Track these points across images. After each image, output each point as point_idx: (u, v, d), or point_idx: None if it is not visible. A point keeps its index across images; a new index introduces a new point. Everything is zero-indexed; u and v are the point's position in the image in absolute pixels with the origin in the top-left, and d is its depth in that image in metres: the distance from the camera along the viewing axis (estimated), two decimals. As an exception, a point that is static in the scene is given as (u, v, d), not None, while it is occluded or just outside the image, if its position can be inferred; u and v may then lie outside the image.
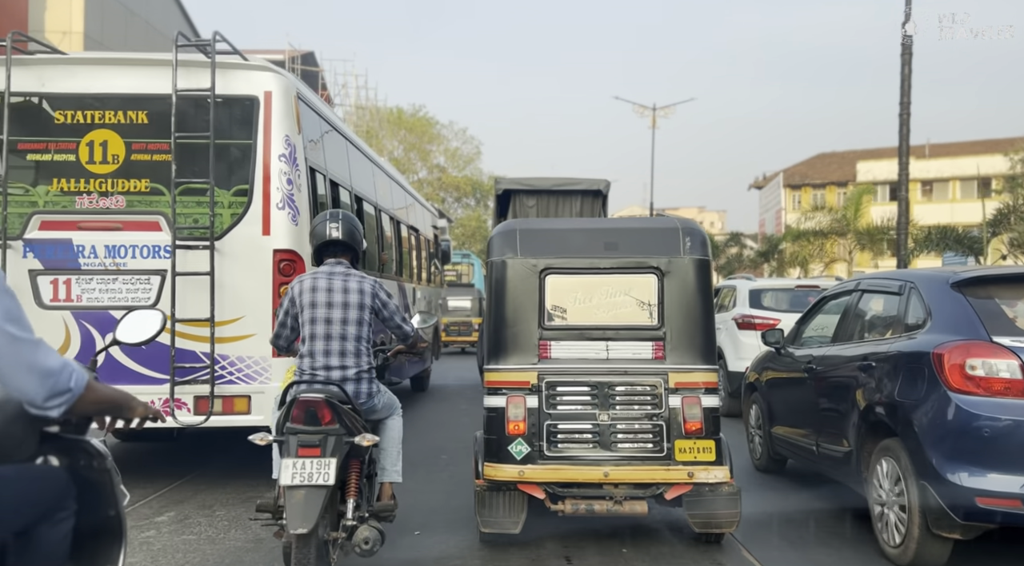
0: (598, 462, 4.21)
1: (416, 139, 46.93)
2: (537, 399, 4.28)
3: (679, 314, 4.37)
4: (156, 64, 5.66)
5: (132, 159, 5.54)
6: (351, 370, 3.78)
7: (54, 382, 1.81)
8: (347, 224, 3.96)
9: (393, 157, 43.76)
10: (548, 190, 11.15)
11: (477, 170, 49.55)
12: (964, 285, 4.32)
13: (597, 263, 4.44)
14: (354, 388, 3.76)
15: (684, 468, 4.21)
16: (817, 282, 11.32)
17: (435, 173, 48.10)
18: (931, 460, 3.93)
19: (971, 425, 3.86)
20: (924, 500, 3.97)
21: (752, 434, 6.83)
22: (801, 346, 6.11)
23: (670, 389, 4.28)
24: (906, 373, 4.28)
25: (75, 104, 5.55)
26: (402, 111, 46.60)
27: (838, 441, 4.95)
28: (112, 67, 5.78)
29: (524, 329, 4.38)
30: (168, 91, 5.40)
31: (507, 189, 11.35)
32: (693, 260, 4.42)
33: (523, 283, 4.41)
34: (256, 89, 5.58)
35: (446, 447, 7.37)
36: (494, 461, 4.26)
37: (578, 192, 11.06)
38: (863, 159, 44.90)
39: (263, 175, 5.52)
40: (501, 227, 4.79)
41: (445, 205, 46.04)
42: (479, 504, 4.31)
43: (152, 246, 5.46)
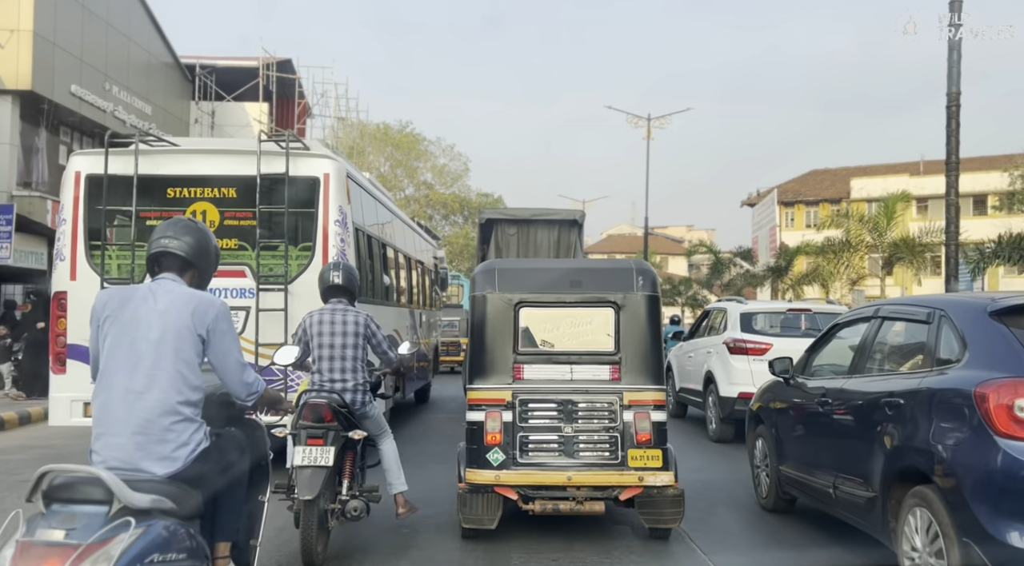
0: (563, 468, 5.12)
1: (403, 156, 47.74)
2: (512, 414, 5.19)
3: (632, 342, 5.31)
4: (243, 153, 7.60)
5: (225, 223, 7.44)
6: (349, 383, 5.16)
7: (250, 388, 3.27)
8: (345, 273, 5.38)
9: (379, 174, 44.58)
10: (527, 220, 11.93)
11: (465, 187, 50.28)
12: (1005, 314, 3.98)
13: (564, 298, 5.38)
14: (351, 397, 5.13)
15: (636, 473, 5.11)
16: (808, 305, 11.33)
17: (422, 190, 48.92)
18: (976, 515, 3.57)
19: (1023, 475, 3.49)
20: (967, 560, 3.60)
21: (758, 470, 6.50)
22: (812, 376, 5.78)
23: (624, 406, 5.20)
24: (941, 413, 3.97)
25: (182, 182, 7.45)
26: (388, 127, 47.39)
27: (860, 485, 4.61)
28: (210, 155, 7.85)
29: (501, 354, 5.30)
30: (253, 173, 7.35)
31: (490, 218, 12.16)
32: (645, 296, 5.36)
33: (501, 315, 5.34)
34: (318, 171, 7.51)
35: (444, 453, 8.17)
36: (474, 467, 5.16)
37: (556, 221, 11.87)
38: (856, 176, 45.68)
39: (323, 235, 7.42)
40: (482, 266, 5.73)
41: (433, 223, 46.78)
42: (461, 504, 5.21)
43: (240, 289, 7.32)
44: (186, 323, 3.04)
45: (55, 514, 2.52)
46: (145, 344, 2.98)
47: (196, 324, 3.05)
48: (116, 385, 2.96)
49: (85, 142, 21.03)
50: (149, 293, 3.10)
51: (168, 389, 2.96)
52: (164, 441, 2.92)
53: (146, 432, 2.91)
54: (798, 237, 39.95)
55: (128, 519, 2.49)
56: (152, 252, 3.22)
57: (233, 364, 3.19)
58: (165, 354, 2.99)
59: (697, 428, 11.39)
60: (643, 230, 34.10)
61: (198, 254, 3.24)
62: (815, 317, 10.45)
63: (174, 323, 3.03)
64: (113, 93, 20.71)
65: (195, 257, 3.23)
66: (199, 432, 3.05)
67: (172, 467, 2.92)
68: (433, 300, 14.92)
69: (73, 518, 2.50)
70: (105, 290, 3.45)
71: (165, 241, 3.20)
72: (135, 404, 2.93)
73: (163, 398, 2.95)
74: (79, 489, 2.57)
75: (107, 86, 20.45)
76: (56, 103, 18.29)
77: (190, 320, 3.04)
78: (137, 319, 3.02)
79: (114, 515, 2.52)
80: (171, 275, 3.19)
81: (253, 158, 7.37)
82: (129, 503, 2.56)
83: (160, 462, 2.91)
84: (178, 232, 3.23)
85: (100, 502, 2.54)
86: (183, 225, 3.27)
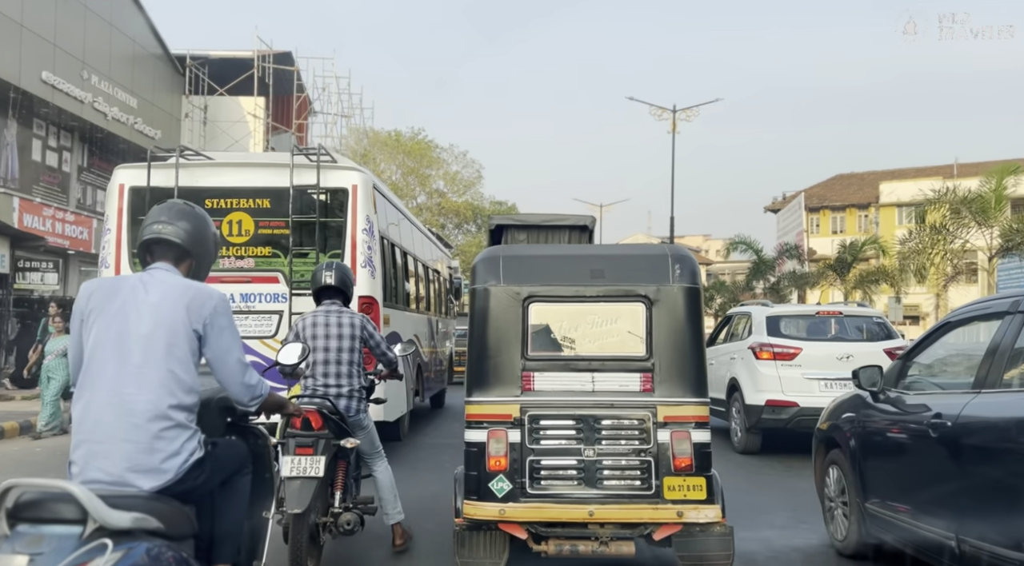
0: (583, 500, 4.23)
1: (414, 163, 47.30)
2: (519, 433, 4.30)
3: (668, 344, 4.40)
4: (276, 165, 8.26)
5: (259, 232, 8.10)
6: (344, 389, 4.96)
7: (253, 391, 3.01)
8: (339, 272, 5.15)
9: (391, 182, 44.07)
10: (537, 225, 12.08)
11: (478, 195, 49.87)
12: None
13: (583, 291, 4.48)
14: (345, 404, 4.92)
15: (673, 507, 4.21)
16: (839, 308, 11.05)
17: (434, 198, 48.41)
18: None
19: None
20: None
21: (832, 505, 5.49)
22: (912, 390, 4.86)
23: (659, 423, 4.30)
24: None
25: (219, 194, 8.03)
26: (400, 134, 47.06)
27: (1005, 541, 3.59)
28: (245, 168, 8.53)
29: (506, 359, 4.41)
30: (285, 185, 8.00)
31: (500, 224, 12.33)
32: (683, 288, 4.45)
33: (506, 312, 4.45)
34: (346, 183, 8.18)
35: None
36: (474, 499, 4.28)
37: (566, 227, 12.01)
38: (886, 180, 45.00)
39: (351, 243, 8.08)
40: (484, 253, 4.86)
41: (445, 231, 46.26)
42: (458, 544, 4.33)
43: (273, 294, 7.94)
44: (180, 317, 2.81)
45: (20, 536, 2.26)
46: (134, 340, 2.74)
47: (192, 318, 2.82)
48: (100, 386, 2.71)
49: (62, 137, 20.39)
50: (139, 284, 2.86)
51: (159, 391, 2.71)
52: (152, 451, 2.67)
53: (133, 440, 2.66)
54: (825, 244, 39.19)
55: (104, 542, 2.24)
56: (144, 239, 2.97)
57: (233, 364, 2.94)
58: (156, 351, 2.74)
59: (720, 440, 10.56)
60: (659, 240, 33.27)
61: (195, 241, 3.00)
62: (845, 320, 10.28)
63: (167, 317, 2.79)
64: (92, 83, 19.79)
65: (192, 244, 2.99)
66: (192, 440, 2.79)
67: (160, 480, 2.67)
68: (448, 308, 15.43)
69: (40, 541, 2.24)
70: (91, 280, 3.08)
71: (158, 227, 2.96)
72: (121, 407, 2.67)
73: (153, 401, 2.69)
74: (48, 507, 2.30)
75: (85, 75, 19.52)
76: (26, 91, 17.50)
77: (185, 314, 2.81)
78: (126, 312, 2.77)
79: (88, 537, 2.25)
80: (165, 264, 2.95)
81: (285, 170, 8.01)
82: (106, 523, 2.29)
83: (147, 475, 2.65)
84: (172, 217, 2.99)
85: (73, 521, 2.28)
86: (177, 209, 3.03)
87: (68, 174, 20.78)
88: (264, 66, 25.62)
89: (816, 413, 8.90)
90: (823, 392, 9.02)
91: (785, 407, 9.25)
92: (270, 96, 26.34)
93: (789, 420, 9.23)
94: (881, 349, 9.40)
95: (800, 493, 7.26)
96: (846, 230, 45.58)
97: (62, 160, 20.63)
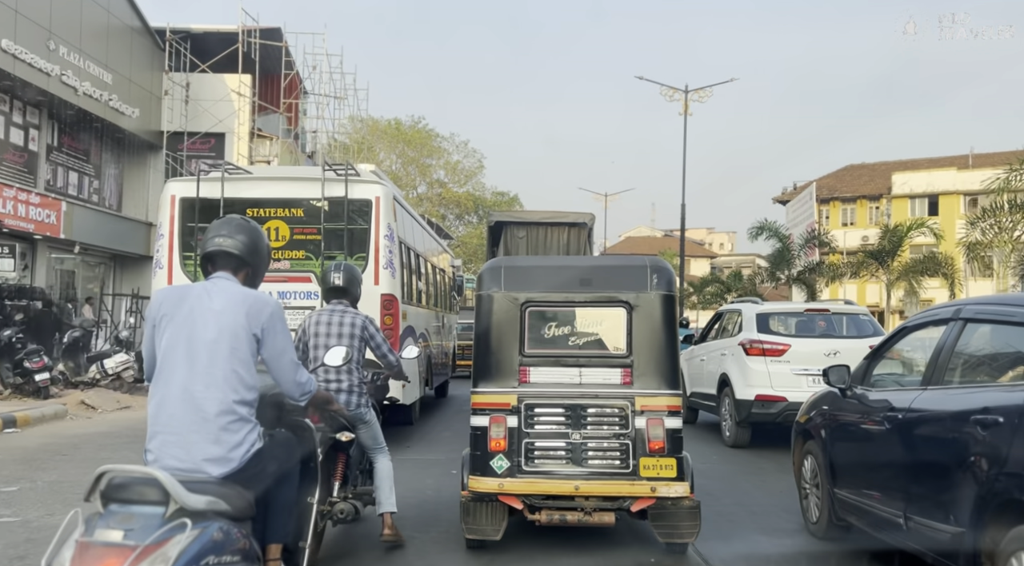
0: (570, 477, 5.07)
1: (415, 153, 47.88)
2: (517, 419, 5.15)
3: (645, 344, 5.24)
4: (309, 179, 9.63)
5: (294, 238, 9.42)
6: (344, 384, 5.24)
7: (304, 388, 3.47)
8: (347, 274, 5.56)
9: (390, 171, 44.70)
10: (537, 223, 12.74)
11: (480, 185, 50.40)
12: None
13: (573, 297, 5.33)
14: (346, 398, 5.21)
15: (648, 483, 5.05)
16: (827, 305, 11.57)
17: (435, 189, 49.01)
18: None
19: None
20: None
21: (807, 491, 6.08)
22: (874, 387, 5.39)
23: (636, 411, 5.14)
24: None
25: (259, 204, 9.43)
26: (400, 123, 47.60)
27: (942, 517, 4.13)
28: (281, 181, 9.96)
29: (506, 356, 5.26)
30: (317, 196, 9.38)
31: (499, 221, 12.95)
32: (659, 295, 5.30)
33: (507, 314, 5.29)
34: (370, 195, 9.52)
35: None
36: (478, 475, 5.13)
37: (565, 224, 12.72)
38: (897, 170, 45.05)
39: (375, 247, 9.37)
40: (489, 264, 5.70)
41: (446, 223, 46.91)
42: (464, 513, 5.18)
43: (306, 292, 9.16)
44: (241, 322, 3.17)
45: (113, 514, 2.62)
46: (201, 344, 3.11)
47: (251, 323, 3.19)
48: (173, 384, 3.09)
49: (29, 113, 19.30)
50: (204, 292, 3.22)
51: (225, 388, 3.09)
52: (220, 441, 3.04)
53: (202, 431, 3.03)
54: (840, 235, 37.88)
55: (184, 521, 2.58)
56: (207, 251, 3.37)
57: (287, 363, 3.35)
58: (221, 353, 3.11)
59: (711, 434, 11.43)
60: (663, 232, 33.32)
61: (251, 252, 3.38)
62: (833, 318, 10.71)
63: (230, 322, 3.16)
64: (60, 54, 18.83)
65: (248, 255, 3.37)
66: (253, 432, 3.17)
67: (227, 467, 3.03)
68: (451, 304, 17.00)
69: (131, 518, 2.59)
70: (161, 289, 3.75)
71: (220, 240, 3.34)
72: (192, 403, 3.05)
73: (220, 397, 3.07)
74: (136, 490, 2.68)
75: (52, 46, 18.57)
76: (-17, 60, 16.39)
77: (245, 319, 3.18)
78: (193, 318, 3.15)
79: (171, 516, 2.60)
80: (225, 274, 3.33)
81: (317, 184, 9.39)
82: (185, 504, 2.65)
83: (216, 462, 3.02)
84: (232, 231, 3.36)
85: (157, 503, 2.65)
86: (236, 224, 3.40)
87: (36, 154, 19.79)
88: (250, 41, 24.62)
89: None
90: (811, 387, 9.40)
91: (774, 402, 9.76)
92: (256, 74, 25.17)
93: (778, 414, 9.73)
94: (867, 345, 9.65)
95: (783, 484, 8.01)
96: (856, 222, 45.52)
97: (28, 138, 19.53)
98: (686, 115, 28.87)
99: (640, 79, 29.98)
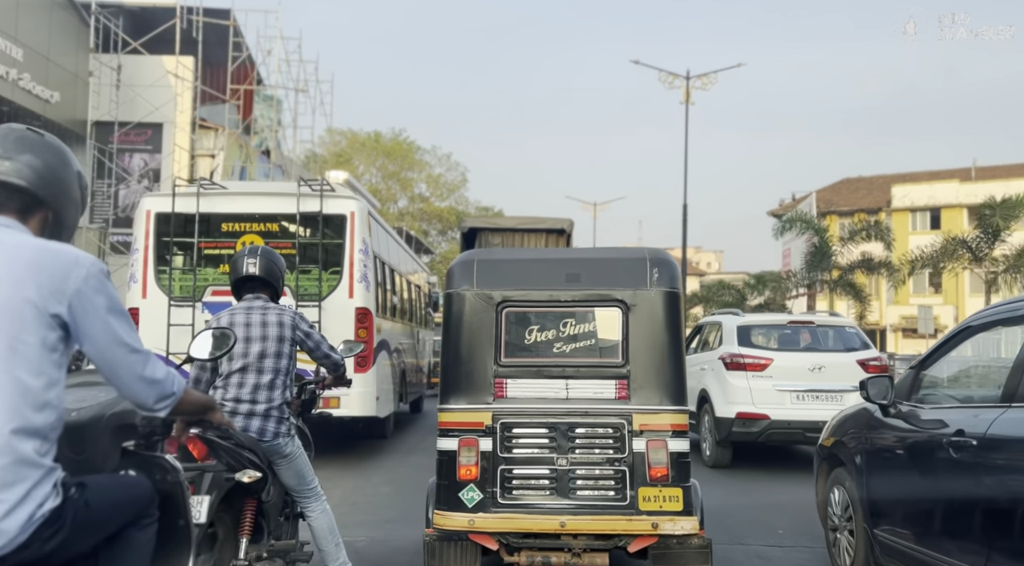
0: (555, 510, 4.34)
1: (395, 166, 47.34)
2: (491, 441, 4.41)
3: (645, 351, 4.51)
4: (284, 194, 9.80)
5: None
6: (260, 406, 4.08)
7: (161, 388, 2.29)
8: (265, 260, 4.34)
9: (370, 185, 44.04)
10: (513, 228, 12.67)
11: (463, 199, 49.94)
12: None
13: (558, 295, 4.60)
14: (259, 424, 4.06)
15: (648, 518, 4.32)
16: (811, 318, 11.41)
17: (417, 203, 48.44)
18: None
19: None
20: None
21: (836, 527, 5.27)
22: (925, 403, 4.61)
23: (634, 432, 4.42)
24: None
25: (235, 219, 9.60)
26: (380, 135, 47.13)
27: None
28: (256, 196, 10.08)
29: (479, 366, 4.52)
30: (292, 211, 9.61)
31: (472, 227, 12.86)
32: (661, 293, 4.57)
33: (479, 316, 4.57)
34: (345, 210, 9.69)
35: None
36: (444, 509, 4.40)
37: (543, 230, 12.80)
38: (898, 183, 44.85)
39: (349, 262, 9.55)
40: (460, 257, 4.98)
41: (428, 239, 46.27)
42: (428, 555, 4.45)
43: None
44: (27, 296, 2.06)
45: None
46: None
47: (45, 297, 2.08)
48: None
49: None
50: None
51: None
52: None
53: None
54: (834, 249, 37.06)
55: None
56: None
57: (123, 355, 2.21)
58: None
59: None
60: None
61: (48, 182, 2.25)
62: (817, 330, 10.59)
63: (5, 296, 2.05)
64: None
65: (44, 187, 2.24)
66: (46, 483, 2.06)
67: None
68: (427, 320, 17.30)
69: None
70: None
71: None
72: None
73: None
74: None
75: None
76: None
77: (35, 291, 2.07)
78: None
79: None
80: (5, 218, 2.20)
81: (293, 199, 9.61)
82: None
83: None
84: (10, 149, 2.22)
85: None
86: (16, 137, 2.26)
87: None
88: (191, 19, 22.09)
89: (787, 426, 9.48)
90: (795, 404, 9.39)
91: (756, 420, 9.46)
92: (199, 56, 22.54)
93: (760, 433, 9.46)
94: (854, 360, 9.71)
95: (777, 510, 7.38)
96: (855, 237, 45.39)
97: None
98: (687, 104, 26.77)
99: (636, 64, 28.10)
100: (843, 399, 9.02)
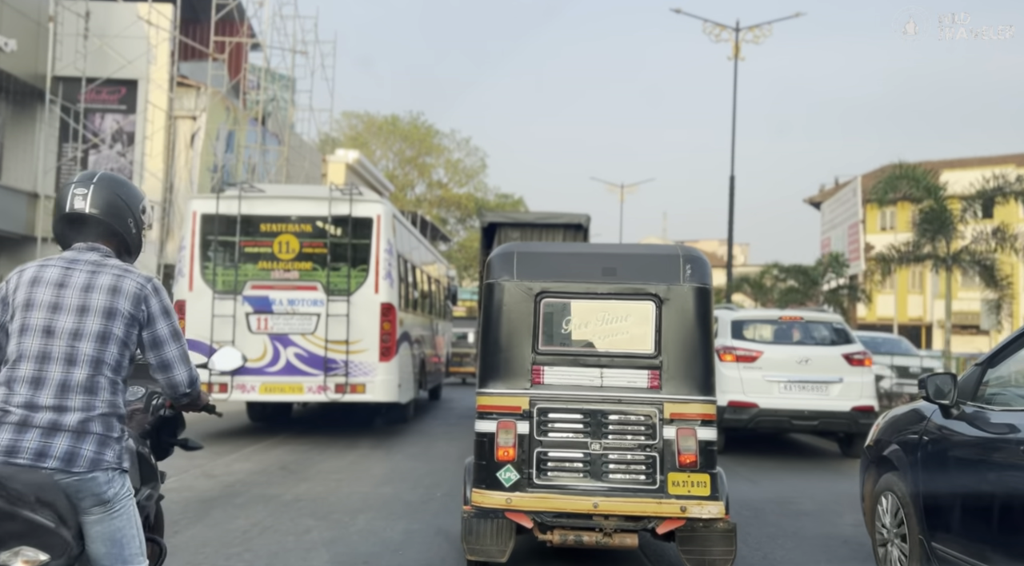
0: (588, 492, 4.71)
1: (413, 151, 47.54)
2: (528, 425, 4.78)
3: (677, 343, 4.88)
4: (317, 198, 11.18)
5: (303, 251, 10.93)
6: (72, 415, 2.57)
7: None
8: (104, 191, 2.80)
9: (387, 170, 44.34)
10: (531, 223, 13.32)
11: (482, 185, 50.02)
12: None
13: (594, 288, 4.97)
14: (67, 446, 2.54)
15: (677, 502, 4.68)
16: (801, 313, 12.06)
17: (435, 189, 48.66)
18: None
19: None
20: None
21: (886, 537, 5.03)
22: (994, 404, 4.37)
23: (665, 420, 4.77)
24: None
25: (272, 220, 10.99)
26: (397, 118, 47.31)
27: None
28: (292, 200, 11.40)
29: (517, 353, 4.89)
30: (324, 213, 11.00)
31: (492, 222, 13.63)
32: (693, 288, 4.93)
33: (518, 306, 4.93)
34: (372, 213, 11.06)
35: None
36: (482, 487, 4.76)
37: (560, 225, 13.41)
38: (948, 168, 43.80)
39: (375, 260, 10.89)
40: (500, 249, 5.35)
41: (447, 226, 46.51)
42: (465, 530, 4.82)
43: (314, 299, 10.72)
44: None
45: None
46: None
47: None
48: None
49: None
50: None
51: None
52: None
53: None
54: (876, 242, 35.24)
55: None
56: None
57: None
58: None
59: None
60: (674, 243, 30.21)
61: None
62: (807, 326, 11.39)
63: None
64: None
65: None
66: None
67: None
68: (446, 312, 18.67)
69: None
70: None
71: None
72: None
73: None
74: None
75: None
76: None
77: None
78: None
79: None
80: None
81: (325, 202, 10.99)
82: None
83: None
84: None
85: None
86: None
87: None
88: None
89: (775, 414, 10.39)
90: (782, 394, 10.40)
91: (746, 408, 10.40)
92: (179, 4, 20.48)
93: (749, 420, 10.42)
94: (840, 353, 10.62)
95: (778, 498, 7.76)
96: (897, 226, 44.20)
97: None
98: (736, 59, 24.28)
99: (677, 12, 24.76)
100: (828, 390, 10.33)
